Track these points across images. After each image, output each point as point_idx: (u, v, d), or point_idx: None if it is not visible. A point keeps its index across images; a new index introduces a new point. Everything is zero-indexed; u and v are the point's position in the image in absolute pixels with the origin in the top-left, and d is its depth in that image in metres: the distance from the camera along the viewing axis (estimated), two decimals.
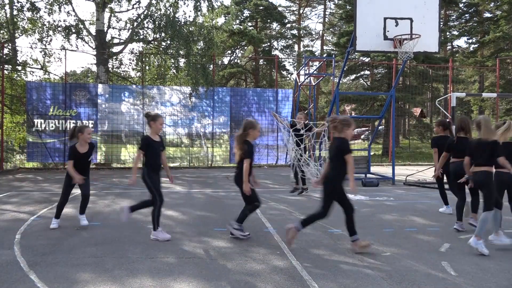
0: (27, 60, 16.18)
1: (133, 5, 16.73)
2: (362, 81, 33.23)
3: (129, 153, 15.22)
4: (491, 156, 4.64)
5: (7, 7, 14.95)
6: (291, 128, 8.60)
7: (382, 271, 3.88)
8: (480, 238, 4.39)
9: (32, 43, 16.78)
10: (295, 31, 36.60)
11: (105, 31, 15.96)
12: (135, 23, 16.12)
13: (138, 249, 4.53)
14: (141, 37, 16.11)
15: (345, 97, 22.59)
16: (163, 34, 15.43)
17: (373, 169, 13.33)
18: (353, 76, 29.79)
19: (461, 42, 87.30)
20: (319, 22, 58.00)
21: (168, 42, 15.43)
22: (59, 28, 15.49)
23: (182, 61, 15.75)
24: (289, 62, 38.86)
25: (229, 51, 31.60)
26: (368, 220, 6.11)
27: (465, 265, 4.06)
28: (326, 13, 40.46)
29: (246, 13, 31.93)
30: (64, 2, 15.26)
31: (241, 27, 28.93)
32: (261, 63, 32.20)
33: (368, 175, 11.60)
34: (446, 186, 6.58)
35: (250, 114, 16.14)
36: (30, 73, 16.65)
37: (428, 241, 4.94)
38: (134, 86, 16.03)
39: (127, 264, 4.02)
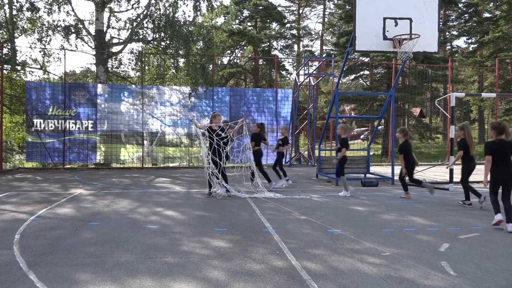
0: (26, 60, 16.20)
1: (132, 5, 16.75)
2: (362, 81, 33.26)
3: (129, 153, 15.21)
4: None
5: (6, 6, 14.94)
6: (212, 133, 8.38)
7: (382, 271, 3.88)
8: None
9: (32, 43, 16.78)
10: (294, 31, 36.59)
11: (104, 31, 15.96)
12: (135, 23, 16.11)
13: (138, 249, 4.53)
14: (141, 37, 16.11)
15: (344, 97, 22.61)
16: (162, 34, 15.43)
17: (373, 169, 13.35)
18: (352, 76, 29.80)
19: (461, 42, 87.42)
20: (319, 22, 58.05)
21: (168, 42, 15.43)
22: (58, 28, 15.49)
23: (181, 61, 15.75)
24: (288, 62, 38.86)
25: (229, 51, 31.59)
26: (368, 220, 6.11)
27: (464, 265, 4.06)
28: (326, 13, 40.48)
29: (246, 13, 31.92)
30: (63, 2, 15.26)
31: (241, 27, 28.92)
32: (261, 63, 32.19)
33: (368, 175, 11.61)
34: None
35: (249, 114, 16.15)
36: (30, 73, 16.67)
37: (428, 241, 4.94)
38: (133, 86, 16.02)
39: (127, 264, 4.02)
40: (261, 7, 30.66)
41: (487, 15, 30.41)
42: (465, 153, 7.68)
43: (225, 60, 31.37)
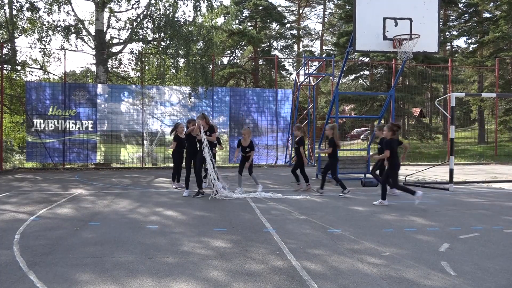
0: (26, 60, 16.21)
1: (132, 5, 16.75)
2: (362, 81, 33.27)
3: (129, 153, 15.21)
4: None
5: (6, 6, 14.94)
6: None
7: (382, 271, 3.88)
8: None
9: (32, 43, 16.78)
10: (294, 31, 36.62)
11: (104, 31, 15.96)
12: (135, 23, 16.11)
13: (138, 249, 4.53)
14: (141, 37, 16.12)
15: (344, 97, 22.61)
16: (162, 34, 15.43)
17: None
18: (352, 76, 29.82)
19: (461, 42, 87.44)
20: (319, 22, 58.06)
21: (168, 42, 15.43)
22: (58, 28, 15.49)
23: (181, 61, 15.77)
24: (288, 62, 38.90)
25: (229, 51, 31.61)
26: (368, 220, 6.11)
27: (464, 265, 4.06)
28: (326, 13, 40.50)
29: (246, 13, 31.95)
30: (63, 2, 15.26)
31: (241, 27, 28.93)
32: (261, 63, 32.20)
33: (368, 175, 11.60)
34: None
35: (249, 114, 16.15)
36: (30, 73, 16.68)
37: (428, 241, 4.94)
38: (133, 86, 16.02)
39: (127, 264, 4.02)
40: (261, 7, 30.68)
41: (487, 15, 30.42)
42: (333, 151, 8.62)
43: (225, 60, 31.39)
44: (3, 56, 14.41)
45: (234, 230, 5.44)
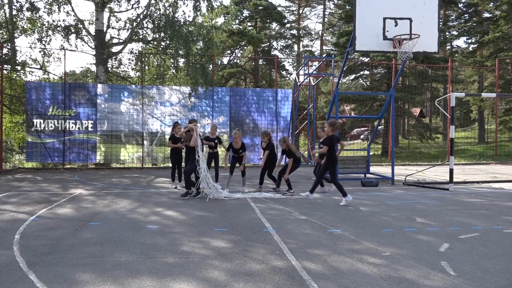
0: (26, 60, 16.21)
1: (132, 5, 16.75)
2: (362, 81, 33.25)
3: (129, 153, 15.21)
4: None
5: (6, 6, 14.94)
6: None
7: (382, 271, 3.88)
8: None
9: (32, 43, 16.79)
10: (294, 31, 36.59)
11: (104, 31, 15.96)
12: (135, 23, 16.11)
13: (138, 249, 4.53)
14: (141, 37, 16.12)
15: (344, 97, 22.60)
16: (162, 34, 15.43)
17: (373, 169, 13.35)
18: (352, 76, 29.79)
19: (461, 42, 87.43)
20: (319, 22, 58.07)
21: (168, 42, 15.43)
22: (58, 28, 15.49)
23: (181, 61, 15.76)
24: (288, 62, 38.88)
25: (229, 51, 31.59)
26: (368, 220, 6.11)
27: (464, 265, 4.06)
28: (326, 13, 40.49)
29: (246, 13, 31.92)
30: (63, 2, 15.26)
31: (241, 27, 28.92)
32: (261, 63, 32.19)
33: (368, 175, 11.61)
34: None
35: (249, 114, 16.15)
36: (30, 73, 16.68)
37: (428, 241, 4.94)
38: (133, 86, 16.02)
39: (127, 264, 4.02)
40: (261, 7, 30.66)
41: (487, 15, 30.41)
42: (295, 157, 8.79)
43: (225, 60, 31.38)
44: (3, 56, 14.41)
45: (234, 230, 5.44)
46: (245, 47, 32.23)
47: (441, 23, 13.58)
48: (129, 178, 11.78)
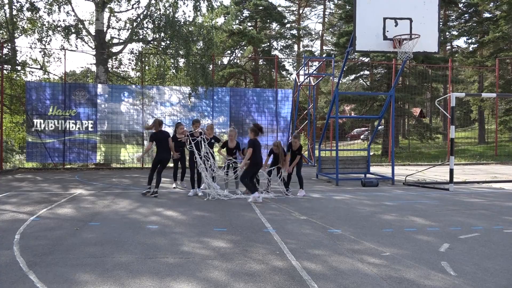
0: (26, 60, 16.19)
1: (132, 5, 16.75)
2: (362, 81, 33.24)
3: (129, 153, 15.21)
4: None
5: (6, 7, 14.94)
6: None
7: (382, 271, 3.88)
8: None
9: (32, 43, 16.78)
10: (294, 31, 36.61)
11: (104, 31, 15.96)
12: (135, 23, 16.11)
13: (138, 249, 4.53)
14: (141, 37, 16.11)
15: (344, 97, 22.60)
16: (162, 34, 15.42)
17: (373, 169, 13.35)
18: (352, 76, 29.78)
19: (461, 42, 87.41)
20: (319, 22, 58.09)
21: (168, 42, 15.42)
22: (58, 28, 15.48)
23: (181, 61, 15.75)
24: (288, 62, 38.93)
25: (229, 51, 31.60)
26: (368, 220, 6.11)
27: (464, 265, 4.06)
28: (326, 13, 40.48)
29: (246, 13, 31.95)
30: (63, 2, 15.25)
31: (241, 27, 28.94)
32: (261, 63, 32.20)
33: (368, 175, 11.61)
34: None
35: (249, 114, 16.15)
36: (30, 73, 16.66)
37: (428, 241, 4.94)
38: (133, 86, 16.01)
39: (127, 264, 4.02)
40: (261, 7, 30.68)
41: (487, 15, 30.41)
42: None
43: (225, 60, 31.39)
44: (3, 56, 14.41)
45: (234, 230, 5.44)
46: (245, 47, 32.24)
47: (441, 23, 13.58)
48: (129, 178, 11.78)
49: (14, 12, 15.12)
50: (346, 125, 36.93)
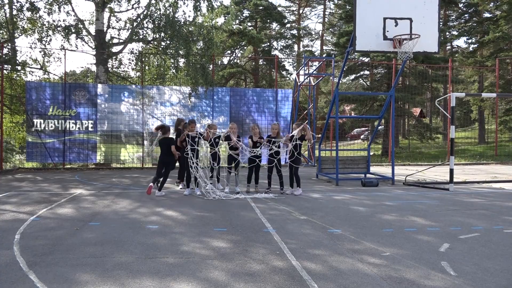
0: (26, 60, 16.20)
1: (132, 5, 16.75)
2: (362, 81, 33.25)
3: (129, 153, 15.21)
4: None
5: (6, 6, 14.95)
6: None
7: (382, 271, 3.88)
8: None
9: (32, 43, 16.79)
10: (294, 31, 36.63)
11: (104, 31, 15.96)
12: (135, 23, 16.12)
13: (138, 249, 4.53)
14: (141, 37, 16.11)
15: (344, 97, 22.59)
16: (162, 34, 15.42)
17: (373, 169, 13.35)
18: (352, 76, 29.78)
19: (461, 42, 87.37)
20: (319, 22, 58.09)
21: (168, 42, 15.43)
22: (58, 28, 15.48)
23: (181, 61, 15.75)
24: (288, 62, 38.94)
25: (229, 51, 31.61)
26: (368, 220, 6.11)
27: (464, 265, 4.06)
28: (326, 13, 40.48)
29: (246, 13, 31.96)
30: (63, 2, 15.26)
31: (241, 27, 28.94)
32: (261, 63, 32.21)
33: (368, 175, 11.61)
34: None
35: (249, 114, 16.15)
36: (30, 73, 16.67)
37: (428, 241, 4.94)
38: (133, 86, 16.01)
39: (127, 264, 4.02)
40: (261, 7, 30.69)
41: (487, 15, 30.41)
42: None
43: (225, 60, 31.40)
44: (3, 56, 14.41)
45: (234, 230, 5.44)
46: (245, 47, 32.25)
47: (441, 23, 13.59)
48: (129, 178, 11.78)
49: (14, 12, 15.13)
50: (346, 125, 36.94)
